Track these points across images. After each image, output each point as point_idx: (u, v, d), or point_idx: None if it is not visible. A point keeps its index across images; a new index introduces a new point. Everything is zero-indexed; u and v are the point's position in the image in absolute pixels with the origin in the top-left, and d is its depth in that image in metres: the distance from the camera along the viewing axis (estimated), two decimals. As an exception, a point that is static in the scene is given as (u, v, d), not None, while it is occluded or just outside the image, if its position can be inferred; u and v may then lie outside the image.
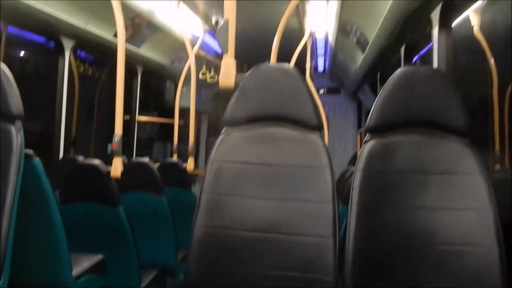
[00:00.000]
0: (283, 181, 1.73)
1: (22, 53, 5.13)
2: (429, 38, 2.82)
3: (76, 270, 2.07)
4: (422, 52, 4.02)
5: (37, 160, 1.90)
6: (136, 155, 5.23)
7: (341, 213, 1.75)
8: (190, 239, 1.70)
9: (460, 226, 1.63)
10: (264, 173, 1.74)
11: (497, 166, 3.27)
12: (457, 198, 1.66)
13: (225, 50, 1.90)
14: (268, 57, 3.36)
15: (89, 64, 5.02)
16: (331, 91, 8.58)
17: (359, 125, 8.32)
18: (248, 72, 1.85)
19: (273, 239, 1.67)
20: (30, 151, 1.85)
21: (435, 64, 2.67)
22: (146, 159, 3.51)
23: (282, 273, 1.65)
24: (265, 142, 1.78)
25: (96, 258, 2.30)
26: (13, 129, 1.72)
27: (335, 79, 8.32)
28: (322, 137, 1.79)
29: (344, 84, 8.15)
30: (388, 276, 1.64)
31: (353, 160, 7.76)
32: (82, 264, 2.16)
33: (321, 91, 8.50)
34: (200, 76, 5.54)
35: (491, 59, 3.30)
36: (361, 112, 8.41)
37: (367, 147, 1.76)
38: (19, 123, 1.76)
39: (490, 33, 3.24)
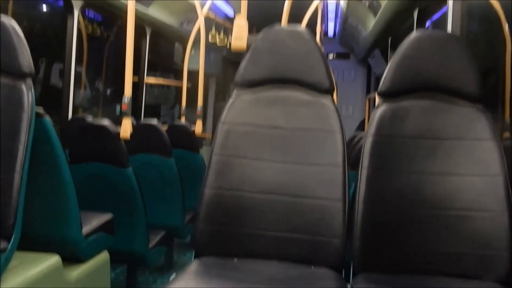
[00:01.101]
0: (293, 144, 1.72)
1: (30, 12, 5.08)
2: (443, 1, 2.76)
3: (85, 228, 2.10)
4: (435, 16, 3.94)
5: (47, 118, 1.90)
6: (144, 117, 5.23)
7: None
8: (199, 199, 1.71)
9: (469, 192, 1.63)
10: (274, 136, 1.74)
11: (506, 134, 3.25)
12: (468, 163, 1.65)
13: (237, 10, 1.87)
14: (278, 20, 3.30)
15: (97, 25, 4.96)
16: (340, 56, 8.50)
17: (368, 91, 8.26)
18: (260, 33, 1.82)
19: (281, 201, 1.68)
20: (40, 109, 1.85)
21: (449, 29, 2.62)
22: (154, 121, 3.51)
23: (290, 235, 1.66)
24: (275, 105, 1.77)
25: (105, 217, 2.33)
26: (24, 87, 1.72)
27: (344, 45, 8.21)
28: (333, 101, 1.77)
29: (354, 50, 8.05)
30: (395, 240, 1.66)
31: (361, 126, 7.75)
32: (92, 222, 2.19)
33: (330, 56, 8.42)
34: (210, 38, 5.45)
35: (506, 26, 3.23)
36: (370, 78, 8.34)
37: (378, 111, 1.75)
38: (29, 81, 1.76)
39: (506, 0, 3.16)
